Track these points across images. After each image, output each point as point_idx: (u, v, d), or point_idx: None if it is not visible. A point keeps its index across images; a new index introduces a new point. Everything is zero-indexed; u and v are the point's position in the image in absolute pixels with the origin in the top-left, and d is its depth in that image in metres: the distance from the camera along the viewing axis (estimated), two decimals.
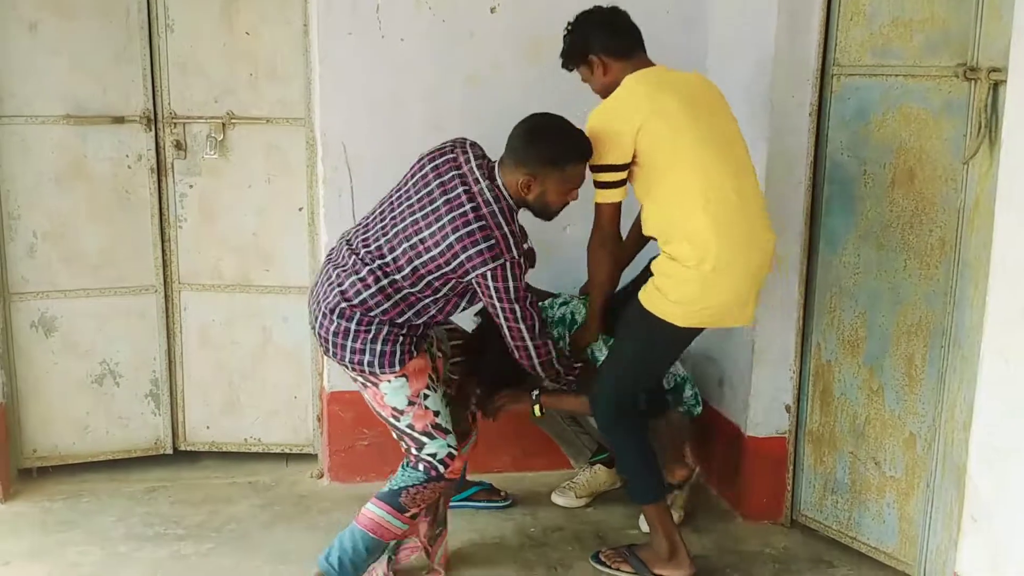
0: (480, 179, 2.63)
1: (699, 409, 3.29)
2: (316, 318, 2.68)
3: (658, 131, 2.63)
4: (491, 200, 2.60)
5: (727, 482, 3.43)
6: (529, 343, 2.72)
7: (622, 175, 2.68)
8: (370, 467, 3.49)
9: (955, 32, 2.64)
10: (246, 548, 3.12)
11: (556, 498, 3.44)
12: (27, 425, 3.50)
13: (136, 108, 3.43)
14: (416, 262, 2.60)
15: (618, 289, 2.93)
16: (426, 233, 2.59)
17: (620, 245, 2.83)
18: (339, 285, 2.63)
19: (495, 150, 3.17)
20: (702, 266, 2.61)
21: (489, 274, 2.57)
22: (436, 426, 2.68)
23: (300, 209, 3.52)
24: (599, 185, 2.71)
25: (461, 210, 2.58)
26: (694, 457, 3.38)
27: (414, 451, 2.71)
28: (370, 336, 2.61)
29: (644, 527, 3.25)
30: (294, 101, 3.46)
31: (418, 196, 2.66)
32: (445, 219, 2.58)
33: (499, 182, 2.65)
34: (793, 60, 3.04)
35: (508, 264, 2.57)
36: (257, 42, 3.42)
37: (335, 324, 2.63)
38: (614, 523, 3.33)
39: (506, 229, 2.59)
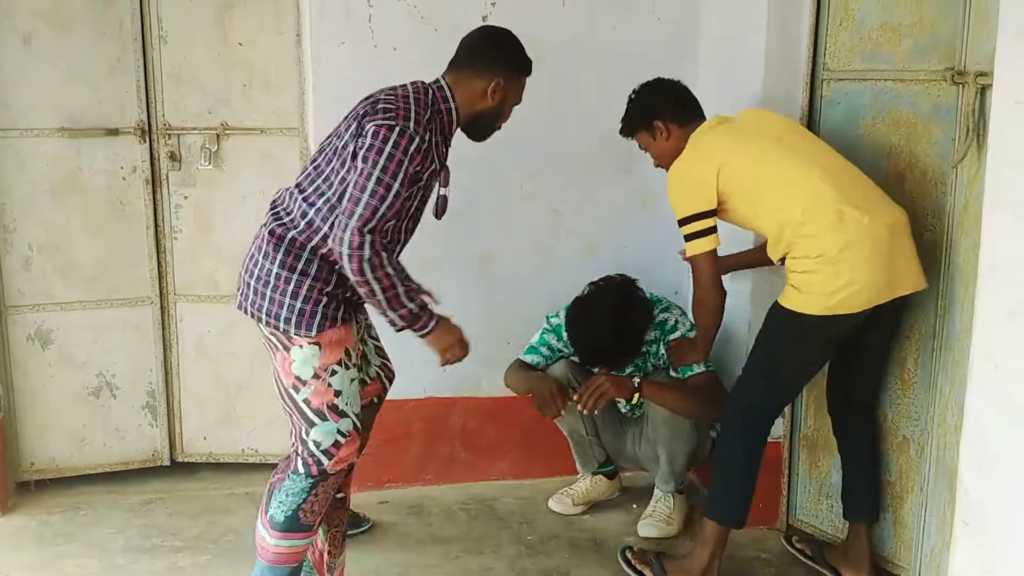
0: (408, 86, 2.53)
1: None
2: (241, 273, 2.52)
3: (739, 164, 2.68)
4: (409, 91, 2.49)
5: None
6: (347, 228, 2.32)
7: (711, 222, 2.71)
8: (367, 477, 3.49)
9: (943, 36, 2.65)
10: (243, 559, 3.11)
11: (553, 504, 3.45)
12: (24, 438, 3.50)
13: (130, 120, 3.44)
14: (325, 155, 2.49)
15: None
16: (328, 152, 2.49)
17: (723, 296, 2.81)
18: (264, 225, 2.51)
19: (488, 158, 3.20)
20: (824, 255, 2.56)
21: (374, 130, 2.35)
22: (333, 407, 2.44)
23: None
24: (692, 237, 2.71)
25: (374, 103, 2.45)
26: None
27: (301, 435, 2.48)
28: (290, 288, 2.41)
29: (642, 533, 3.25)
30: (288, 111, 3.47)
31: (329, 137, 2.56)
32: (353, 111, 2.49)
33: (443, 85, 2.56)
34: (783, 65, 3.06)
35: (399, 130, 2.35)
36: (251, 53, 3.43)
37: (258, 267, 2.46)
38: (611, 531, 3.33)
39: (414, 108, 2.43)
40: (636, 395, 3.12)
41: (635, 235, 3.55)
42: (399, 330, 2.46)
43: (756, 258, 3.01)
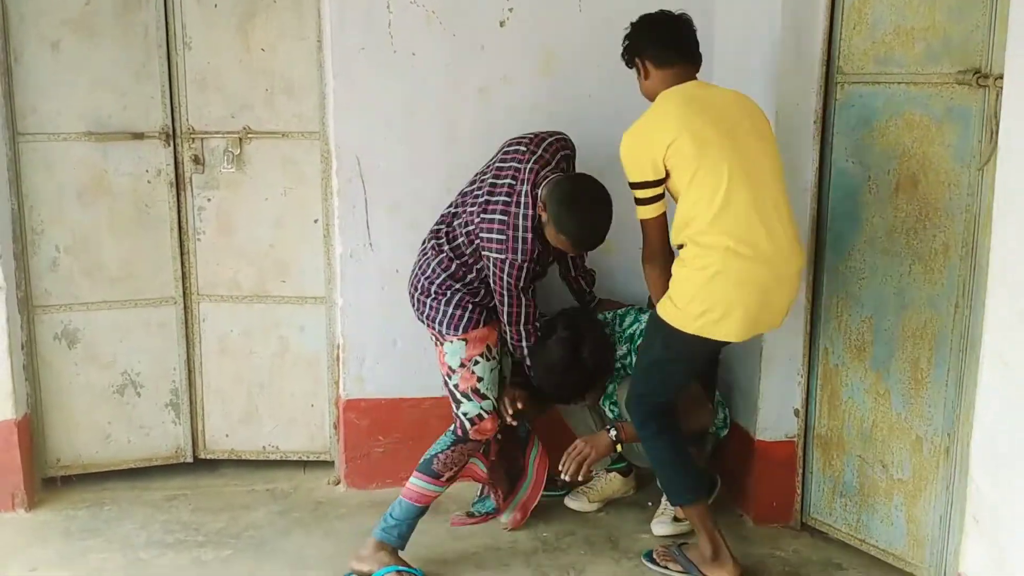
0: (526, 182, 2.92)
1: (725, 432, 3.36)
2: (409, 292, 3.14)
3: (685, 148, 2.69)
4: (523, 204, 2.90)
5: (737, 486, 3.46)
6: (504, 317, 3.04)
7: (658, 190, 2.76)
8: (385, 473, 3.54)
9: (956, 40, 2.68)
10: (265, 554, 3.18)
11: (570, 502, 3.49)
12: (51, 435, 3.58)
13: (155, 124, 3.51)
14: (468, 228, 2.99)
15: None
16: (472, 207, 2.98)
17: (669, 258, 2.85)
18: (418, 267, 3.11)
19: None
20: (706, 271, 2.66)
21: (492, 259, 2.93)
22: (475, 390, 3.03)
23: (315, 221, 3.59)
24: (638, 202, 2.78)
25: (497, 198, 2.93)
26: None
27: (455, 409, 3.06)
28: (444, 299, 3.04)
29: (656, 531, 3.29)
30: (309, 115, 3.53)
31: (483, 171, 3.07)
32: (483, 198, 2.95)
33: (540, 195, 2.90)
34: (798, 69, 3.08)
35: (508, 262, 2.90)
36: (273, 58, 3.50)
37: (419, 291, 3.09)
38: (626, 528, 3.37)
39: (520, 233, 2.89)
40: (619, 446, 3.11)
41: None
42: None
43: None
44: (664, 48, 2.85)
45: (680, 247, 2.76)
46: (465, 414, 3.05)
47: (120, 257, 3.55)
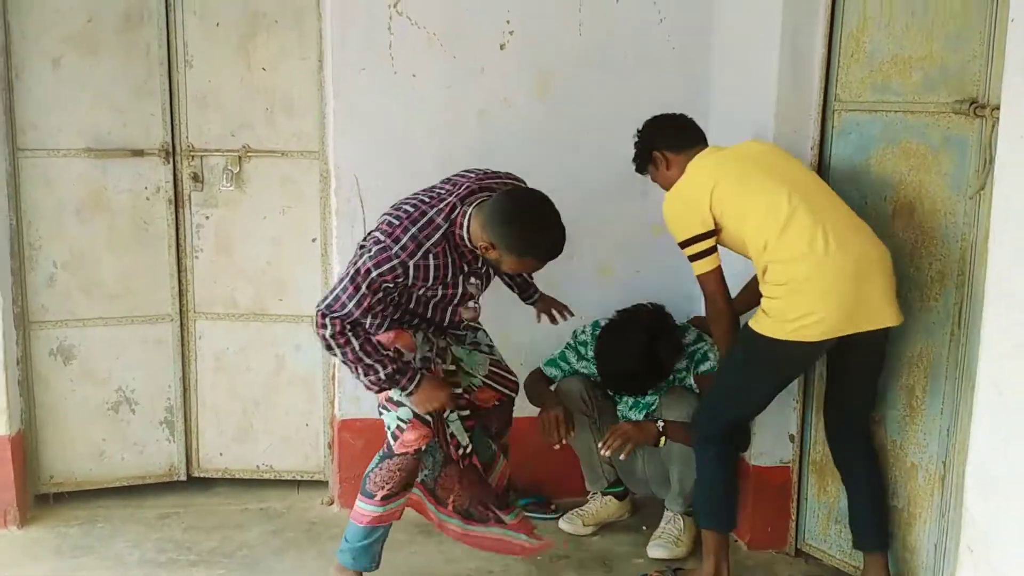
0: (454, 195, 2.72)
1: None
2: None
3: (728, 188, 2.77)
4: (439, 209, 2.70)
5: None
6: (320, 304, 2.70)
7: (710, 242, 2.81)
8: None
9: (953, 70, 2.70)
10: (258, 574, 3.17)
11: (564, 524, 3.48)
12: (44, 451, 3.57)
13: (155, 141, 3.52)
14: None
15: None
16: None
17: (732, 304, 2.91)
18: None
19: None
20: (791, 282, 2.66)
21: (372, 240, 2.70)
22: (388, 399, 2.88)
23: (313, 240, 3.60)
24: (695, 257, 2.82)
25: (418, 196, 2.78)
26: None
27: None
28: None
29: (651, 554, 3.28)
30: (309, 135, 3.54)
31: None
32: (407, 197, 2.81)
33: (467, 213, 2.69)
34: (795, 96, 3.10)
35: (381, 250, 2.64)
36: (273, 77, 3.51)
37: None
38: (620, 552, 3.36)
39: (417, 233, 2.65)
40: (662, 440, 3.18)
41: (648, 260, 3.60)
42: (378, 391, 2.83)
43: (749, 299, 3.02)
44: (679, 133, 3.01)
45: (764, 272, 2.76)
46: (388, 427, 2.92)
47: (117, 274, 3.56)
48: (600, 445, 3.21)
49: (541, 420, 3.24)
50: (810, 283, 2.65)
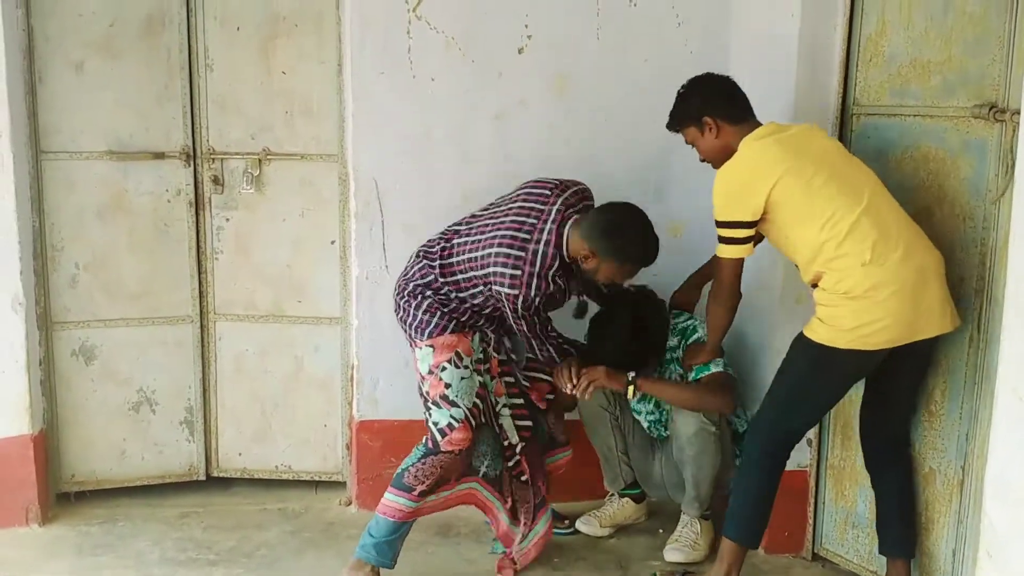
0: (550, 221, 2.93)
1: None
2: (393, 296, 3.15)
3: (792, 185, 2.68)
4: (543, 241, 2.91)
5: None
6: (527, 333, 3.06)
7: (751, 232, 2.75)
8: None
9: (972, 74, 2.69)
10: (276, 574, 3.19)
11: (581, 526, 3.49)
12: (66, 451, 3.60)
13: (176, 144, 3.55)
14: (465, 255, 2.98)
15: None
16: (483, 236, 2.96)
17: (739, 299, 2.91)
18: (402, 271, 3.14)
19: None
20: (851, 292, 2.62)
21: (503, 294, 2.92)
22: (444, 397, 3.00)
23: (332, 242, 3.62)
24: (727, 241, 2.77)
25: (515, 232, 2.92)
26: None
27: (426, 418, 3.06)
28: (414, 303, 3.03)
29: (668, 557, 3.29)
30: (328, 138, 3.56)
31: (499, 204, 3.07)
32: (500, 232, 2.94)
33: (565, 233, 2.92)
34: (814, 100, 3.10)
35: (520, 297, 2.90)
36: (293, 81, 3.54)
37: (396, 291, 3.13)
38: (637, 554, 3.36)
39: (536, 270, 2.89)
40: (631, 388, 3.15)
41: (665, 262, 3.56)
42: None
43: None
44: (737, 103, 2.88)
45: (815, 282, 2.72)
46: (435, 423, 3.02)
47: (138, 275, 3.59)
48: (569, 388, 3.18)
49: (556, 371, 3.22)
50: (875, 291, 2.60)
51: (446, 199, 3.44)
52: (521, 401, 3.19)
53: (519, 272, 2.88)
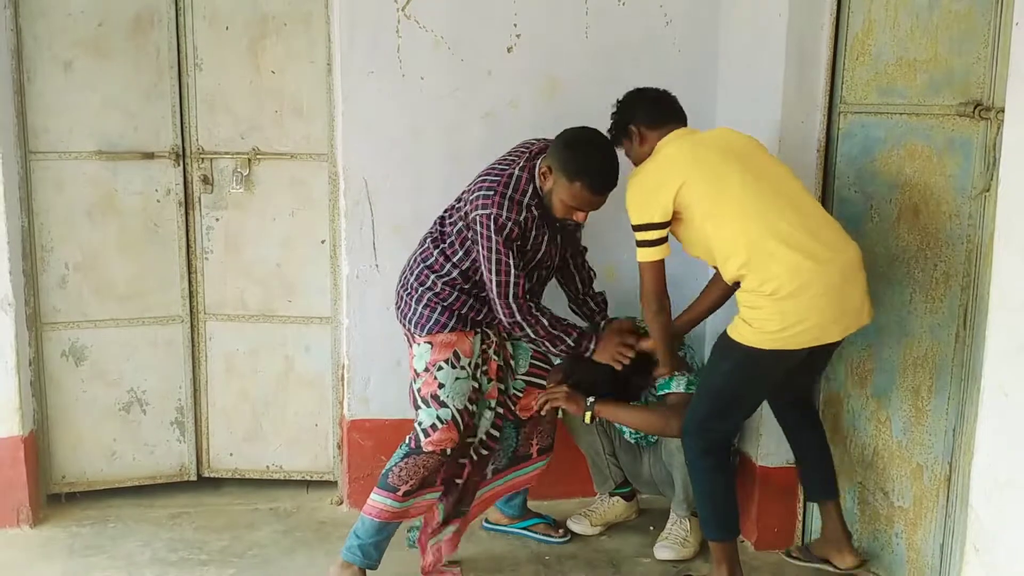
0: (527, 158, 2.94)
1: (735, 459, 3.34)
2: (396, 291, 3.13)
3: (700, 183, 2.71)
4: (519, 166, 2.91)
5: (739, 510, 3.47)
6: (493, 289, 2.91)
7: (663, 233, 2.77)
8: None
9: (958, 72, 2.71)
10: (268, 573, 3.20)
11: (571, 524, 3.50)
12: (56, 451, 3.60)
13: (165, 144, 3.55)
14: (455, 214, 2.98)
15: None
16: (470, 186, 2.97)
17: (668, 301, 2.90)
18: (406, 264, 3.12)
19: None
20: (777, 293, 2.62)
21: (478, 219, 2.86)
22: (435, 396, 2.95)
23: (323, 241, 3.62)
24: (642, 244, 2.79)
25: (495, 166, 2.96)
26: None
27: (415, 417, 3.01)
28: (415, 297, 3.00)
29: (658, 555, 3.30)
30: (318, 137, 3.57)
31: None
32: (483, 175, 2.96)
33: (538, 165, 2.91)
34: (801, 98, 3.12)
35: (493, 218, 2.84)
36: (282, 80, 3.54)
37: (399, 284, 3.10)
38: (628, 552, 3.38)
39: (509, 192, 2.86)
40: (588, 415, 3.14)
41: None
42: (567, 356, 3.07)
43: (713, 301, 3.02)
44: (656, 108, 2.93)
45: (736, 282, 2.72)
46: (420, 423, 2.97)
47: (128, 275, 3.58)
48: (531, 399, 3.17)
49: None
50: (800, 292, 2.60)
51: (436, 198, 3.43)
52: (501, 411, 3.12)
53: (492, 192, 2.85)
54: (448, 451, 2.98)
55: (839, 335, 2.72)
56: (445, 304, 2.98)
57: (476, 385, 3.02)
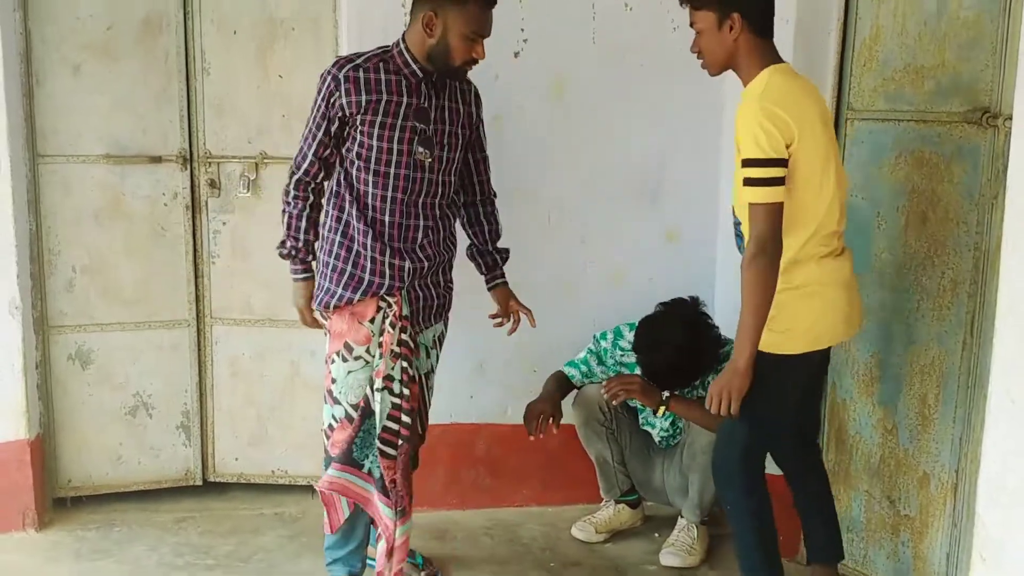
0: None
1: None
2: None
3: (807, 146, 2.41)
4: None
5: None
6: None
7: (785, 172, 2.39)
8: None
9: (965, 79, 2.71)
10: None
11: (576, 531, 3.49)
12: (62, 455, 3.60)
13: (173, 148, 3.55)
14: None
15: None
16: None
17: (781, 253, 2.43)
18: None
19: (521, 188, 3.30)
20: (806, 287, 2.50)
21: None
22: (329, 391, 2.78)
23: None
24: (760, 183, 2.37)
25: None
26: None
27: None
28: (319, 264, 2.81)
29: (664, 561, 3.29)
30: None
31: None
32: None
33: (402, 35, 2.71)
34: None
35: (320, 76, 2.71)
36: (290, 85, 3.54)
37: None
38: (632, 559, 3.37)
39: (344, 56, 2.73)
40: (662, 408, 3.15)
41: (660, 267, 3.61)
42: (282, 256, 2.86)
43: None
44: (767, 14, 2.50)
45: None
46: (322, 424, 2.80)
47: (135, 279, 3.59)
48: (602, 388, 3.19)
49: (527, 409, 3.26)
50: (825, 287, 2.53)
51: None
52: (408, 392, 2.75)
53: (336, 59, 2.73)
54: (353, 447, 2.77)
55: (850, 333, 2.66)
56: (337, 265, 2.73)
57: (395, 351, 2.71)
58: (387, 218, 2.72)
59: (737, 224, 2.62)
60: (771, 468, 3.27)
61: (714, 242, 3.56)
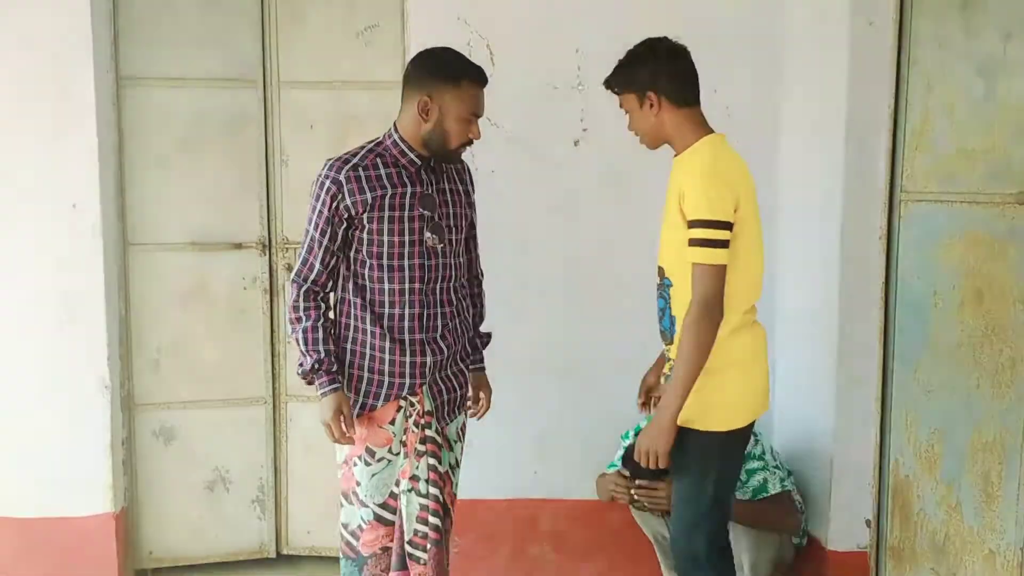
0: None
1: (804, 541, 3.36)
2: None
3: (744, 216, 2.46)
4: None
5: None
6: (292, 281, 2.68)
7: (730, 235, 2.42)
8: (463, 572, 3.61)
9: (1017, 161, 2.76)
10: None
11: None
12: (144, 528, 3.76)
13: (252, 235, 3.76)
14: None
15: None
16: None
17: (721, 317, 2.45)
18: None
19: (582, 276, 3.41)
20: (743, 352, 2.54)
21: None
22: (355, 493, 2.70)
23: None
24: (707, 243, 2.40)
25: None
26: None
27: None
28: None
29: None
30: None
31: None
32: None
33: (393, 124, 2.68)
34: (862, 186, 3.19)
35: (315, 181, 2.64)
36: None
37: None
38: None
39: (338, 156, 2.65)
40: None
41: None
42: (301, 376, 2.68)
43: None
44: (685, 86, 2.55)
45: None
46: (345, 525, 2.72)
47: (215, 358, 3.77)
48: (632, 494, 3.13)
49: (598, 484, 3.28)
50: (754, 356, 2.56)
51: (504, 288, 3.54)
52: (438, 492, 2.68)
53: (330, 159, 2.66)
54: (389, 546, 2.72)
55: (766, 406, 2.67)
56: (353, 373, 2.66)
57: (420, 448, 2.66)
58: (407, 311, 2.64)
59: (665, 284, 2.61)
60: (838, 545, 3.30)
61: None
